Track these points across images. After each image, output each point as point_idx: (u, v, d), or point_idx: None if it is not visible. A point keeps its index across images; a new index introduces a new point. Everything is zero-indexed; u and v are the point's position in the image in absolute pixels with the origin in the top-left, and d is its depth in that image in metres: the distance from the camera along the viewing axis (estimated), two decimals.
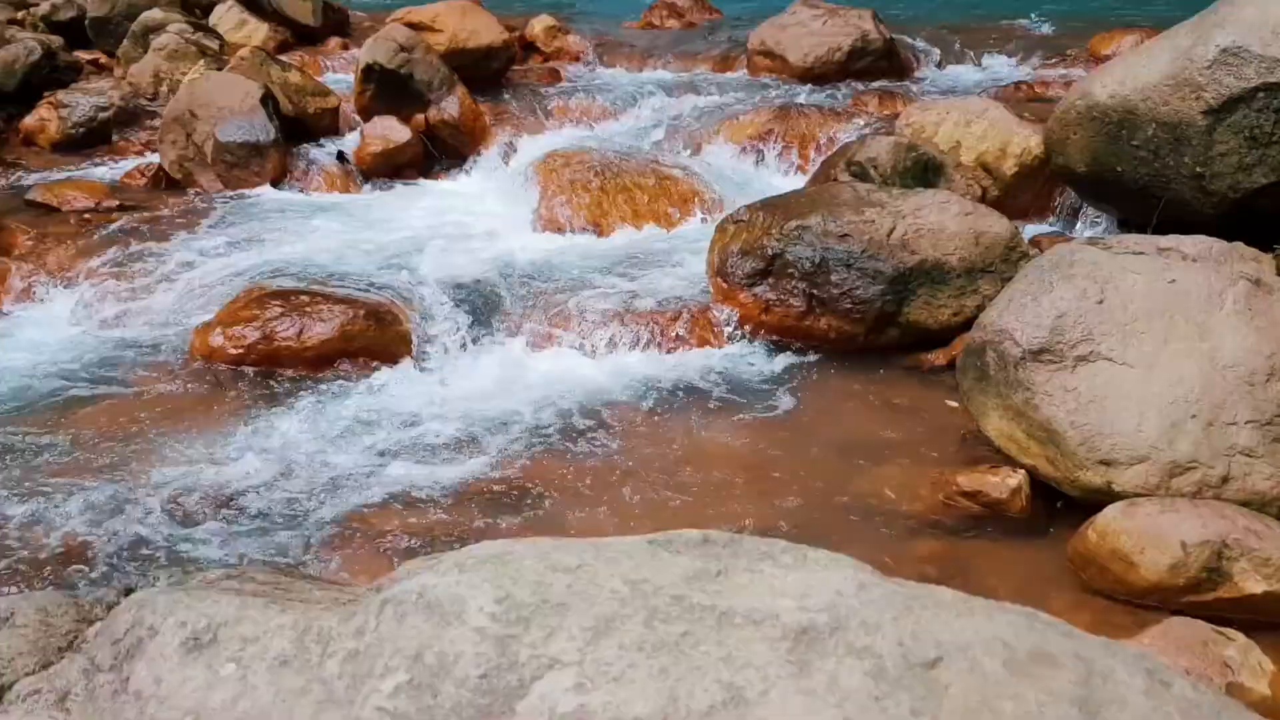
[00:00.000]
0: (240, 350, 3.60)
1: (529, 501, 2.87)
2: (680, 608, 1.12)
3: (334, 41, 7.84)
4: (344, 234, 4.71)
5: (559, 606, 1.13)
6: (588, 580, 1.17)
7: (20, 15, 7.85)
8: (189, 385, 3.50)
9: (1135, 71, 3.78)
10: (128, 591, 1.42)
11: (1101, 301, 2.64)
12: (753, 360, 3.75)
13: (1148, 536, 2.34)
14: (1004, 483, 2.71)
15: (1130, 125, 3.77)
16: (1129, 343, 2.60)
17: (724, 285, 4.00)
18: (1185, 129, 3.63)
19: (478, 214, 5.16)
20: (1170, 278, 2.68)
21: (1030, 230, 4.28)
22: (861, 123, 5.57)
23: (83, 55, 7.00)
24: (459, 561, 1.24)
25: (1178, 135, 3.65)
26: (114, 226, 4.64)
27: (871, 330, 3.77)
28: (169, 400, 3.40)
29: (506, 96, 6.64)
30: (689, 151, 5.81)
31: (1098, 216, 4.32)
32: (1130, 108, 3.76)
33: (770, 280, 3.89)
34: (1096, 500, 2.55)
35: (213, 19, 7.35)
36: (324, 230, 4.77)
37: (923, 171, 4.34)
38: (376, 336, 3.72)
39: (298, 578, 1.55)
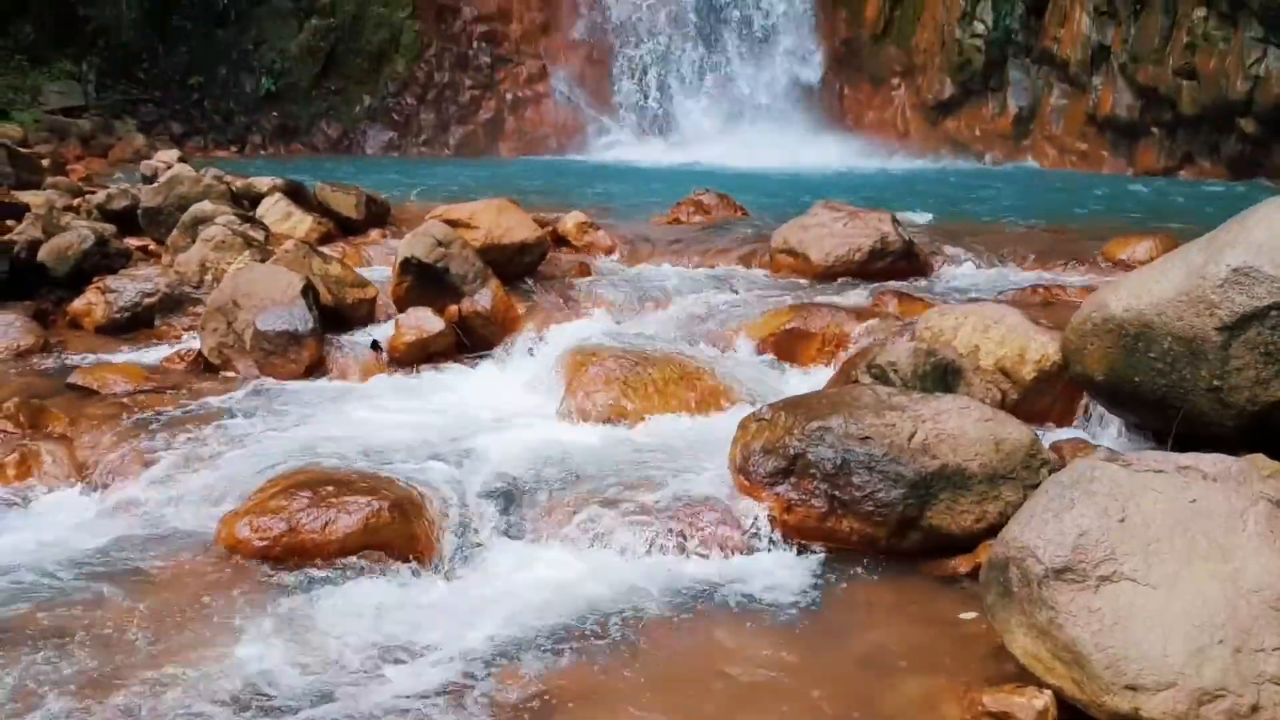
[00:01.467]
0: (266, 542, 3.63)
1: (539, 711, 2.83)
2: None
3: (374, 233, 8.18)
4: (374, 423, 4.81)
5: None
6: None
7: (76, 202, 8.29)
8: (212, 576, 3.52)
9: (1149, 286, 3.89)
10: None
11: (1123, 520, 2.65)
12: (774, 561, 3.74)
13: None
14: (1030, 704, 2.66)
15: (1146, 338, 3.86)
16: (1152, 563, 2.59)
17: (746, 483, 4.03)
18: (1200, 344, 3.70)
19: (506, 404, 5.26)
20: (1191, 497, 2.69)
21: (1050, 436, 4.31)
22: (881, 323, 5.69)
23: (133, 242, 7.33)
24: None
25: (1193, 349, 3.73)
26: (150, 412, 4.76)
27: (894, 534, 3.77)
28: (191, 592, 3.41)
29: (538, 289, 6.86)
30: (713, 346, 5.93)
31: (1117, 425, 4.35)
32: (1146, 321, 3.85)
33: (792, 480, 3.92)
34: None
35: (260, 210, 7.71)
36: (354, 418, 4.87)
37: (942, 376, 4.42)
38: (400, 530, 3.74)
39: None
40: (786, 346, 5.75)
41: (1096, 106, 16.10)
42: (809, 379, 5.42)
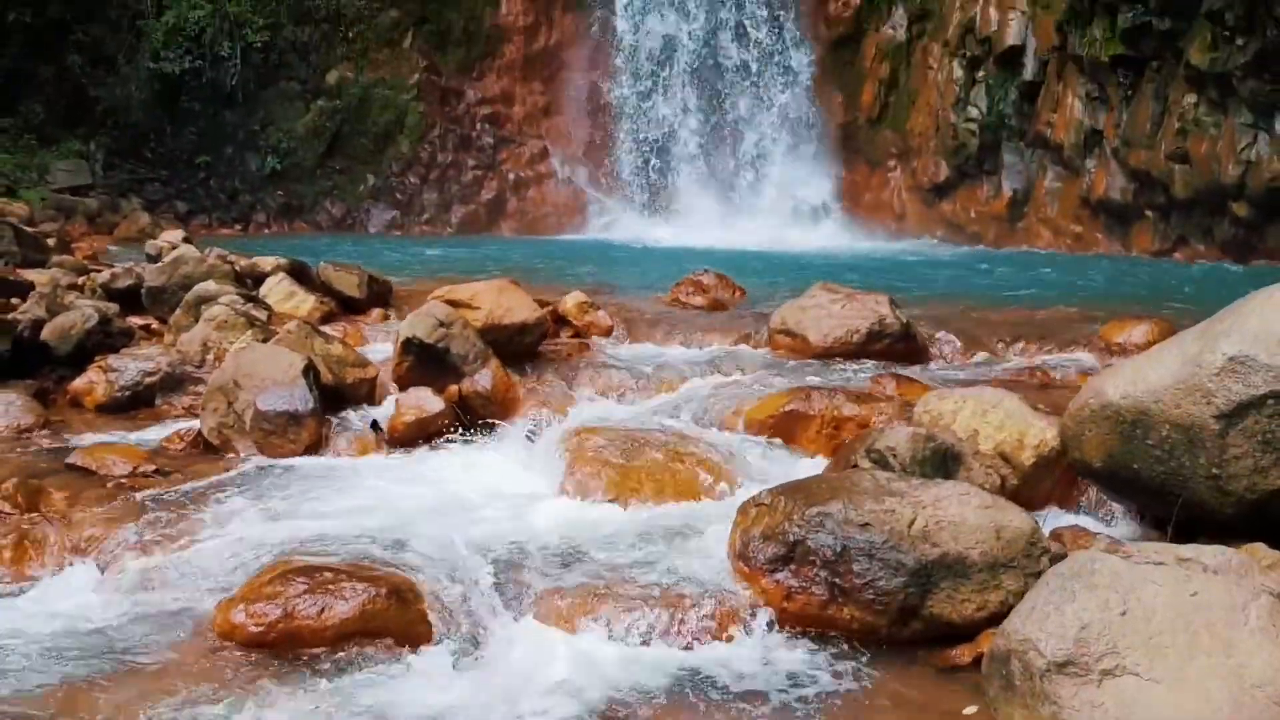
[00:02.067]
0: (261, 628, 3.60)
1: None
2: None
3: (376, 312, 8.24)
4: (373, 504, 4.79)
5: None
6: None
7: (81, 280, 8.36)
8: (207, 663, 3.48)
9: (1146, 374, 3.92)
10: None
11: (1124, 613, 2.64)
12: (773, 650, 3.70)
13: None
14: None
15: (1144, 425, 3.88)
16: (1155, 657, 2.58)
17: (745, 569, 4.01)
18: (1198, 431, 3.72)
19: (505, 484, 5.25)
20: (1192, 590, 2.68)
21: (1050, 522, 4.31)
22: (880, 405, 5.71)
23: (136, 321, 7.38)
24: None
25: (1191, 437, 3.74)
26: (148, 493, 4.74)
27: (895, 623, 3.73)
28: (185, 679, 3.37)
29: (538, 369, 6.90)
30: (713, 427, 5.94)
31: (1117, 510, 4.35)
32: (1143, 409, 3.87)
33: (792, 566, 3.90)
34: None
35: (263, 290, 7.78)
36: (353, 500, 4.85)
37: (942, 461, 4.43)
38: (397, 616, 3.71)
39: None
40: (786, 428, 5.76)
41: (1090, 189, 16.33)
42: (808, 462, 5.42)
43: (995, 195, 17.96)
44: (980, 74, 17.92)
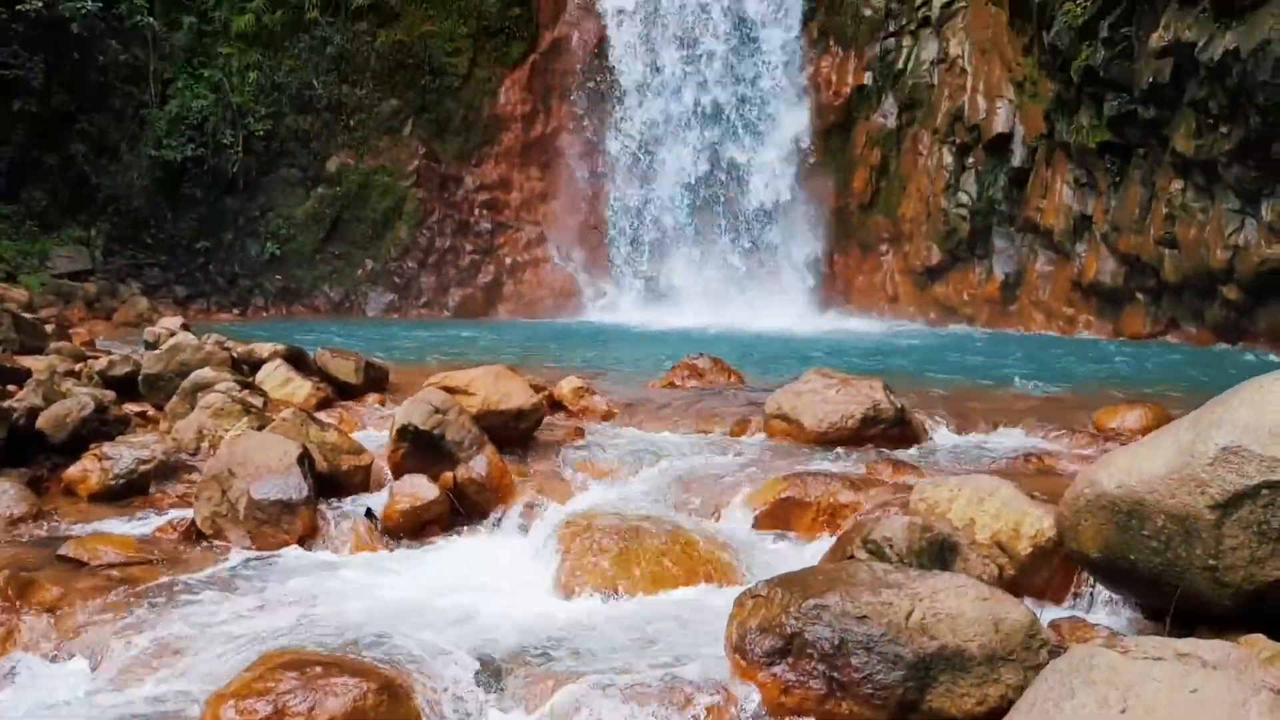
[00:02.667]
0: None
1: None
2: None
3: (372, 397, 8.27)
4: (366, 596, 4.76)
5: None
6: None
7: (78, 367, 8.39)
8: None
9: (1140, 464, 3.92)
10: None
11: (1124, 711, 2.62)
12: None
13: None
14: None
15: (1139, 516, 3.87)
16: None
17: (742, 662, 3.96)
18: (1194, 522, 3.71)
19: (499, 575, 5.21)
20: (1192, 686, 2.66)
21: (1048, 614, 4.27)
22: (876, 492, 5.71)
23: (132, 408, 7.39)
24: None
25: (1187, 528, 3.73)
26: (140, 585, 4.70)
27: (894, 717, 3.67)
28: None
29: (533, 455, 6.89)
30: (709, 515, 5.93)
31: (1115, 601, 4.32)
32: (1138, 499, 3.87)
33: (789, 660, 3.85)
34: None
35: (260, 376, 7.81)
36: (346, 591, 4.81)
37: (938, 551, 4.41)
38: (389, 713, 3.65)
39: None
40: (782, 516, 5.75)
41: (1081, 273, 16.50)
42: (805, 549, 5.40)
43: (987, 278, 18.15)
44: (970, 160, 18.25)
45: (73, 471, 6.24)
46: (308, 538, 5.54)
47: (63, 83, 19.06)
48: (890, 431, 7.08)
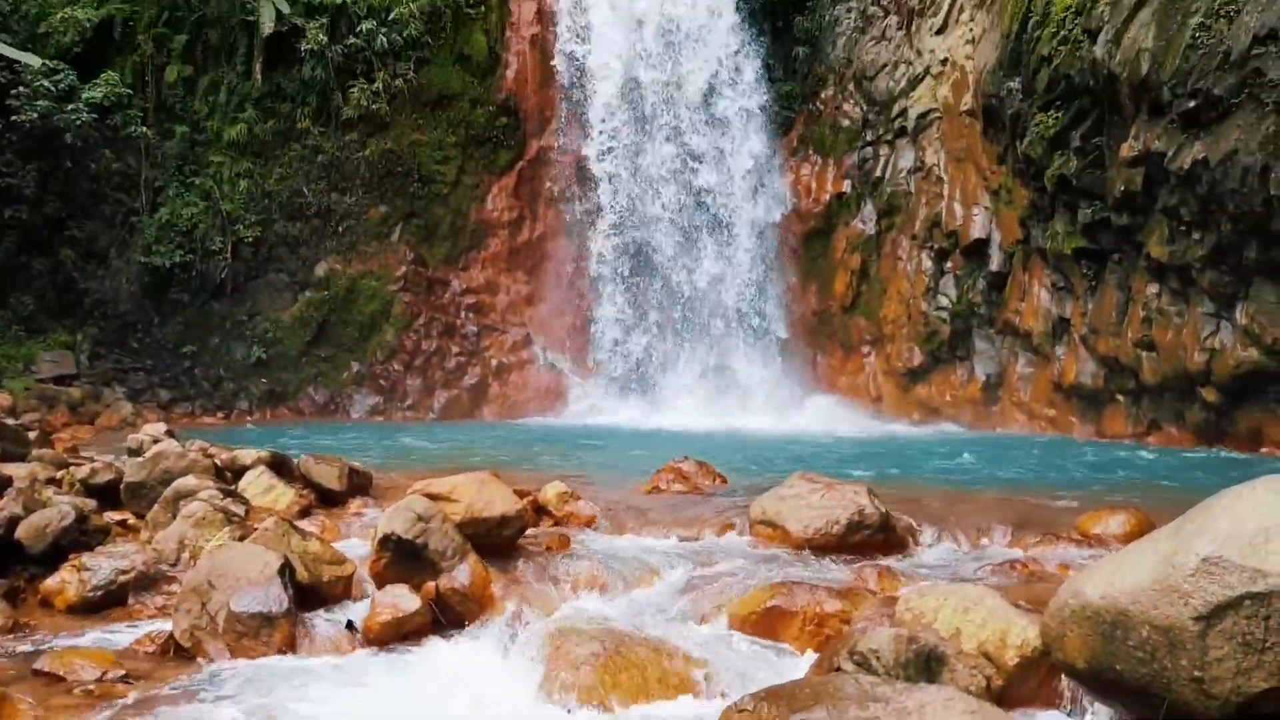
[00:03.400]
0: None
1: None
2: None
3: (356, 503, 8.22)
4: (344, 711, 4.67)
5: None
6: None
7: (60, 474, 8.32)
8: None
9: (1123, 574, 3.93)
10: None
11: None
12: None
13: None
14: None
15: (1124, 626, 3.87)
16: None
17: None
18: (1178, 633, 3.71)
19: (482, 687, 5.13)
20: None
21: None
22: (862, 601, 5.67)
23: (113, 516, 7.32)
24: None
25: (1171, 639, 3.73)
26: (117, 702, 4.61)
27: None
28: None
29: (517, 563, 6.83)
30: (695, 624, 5.87)
31: (1103, 711, 4.28)
32: (1122, 609, 3.87)
33: None
34: None
35: (243, 483, 7.76)
36: (326, 706, 4.73)
37: (925, 663, 4.38)
38: None
39: None
40: (768, 625, 5.70)
41: (1061, 375, 16.65)
42: (792, 660, 5.35)
43: (969, 380, 18.31)
44: (948, 265, 18.57)
45: (50, 583, 6.15)
46: (288, 649, 5.45)
47: (55, 190, 19.31)
48: (875, 537, 7.06)
